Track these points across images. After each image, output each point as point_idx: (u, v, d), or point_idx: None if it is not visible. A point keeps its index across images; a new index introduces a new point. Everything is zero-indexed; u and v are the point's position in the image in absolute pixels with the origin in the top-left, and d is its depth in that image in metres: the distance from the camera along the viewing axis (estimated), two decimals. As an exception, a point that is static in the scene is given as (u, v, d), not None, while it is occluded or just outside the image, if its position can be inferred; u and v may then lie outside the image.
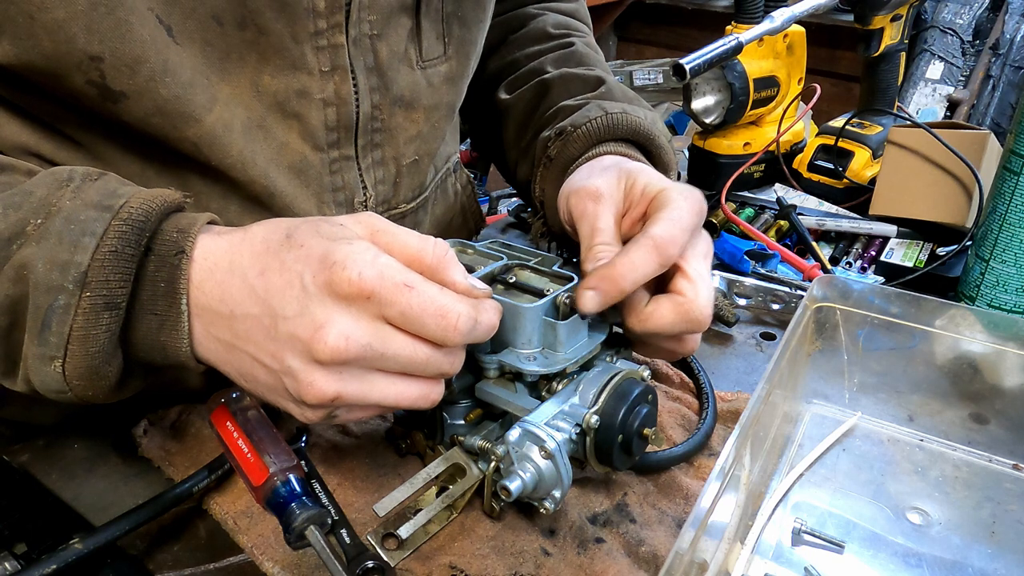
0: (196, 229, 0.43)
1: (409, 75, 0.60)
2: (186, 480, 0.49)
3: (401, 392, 0.43)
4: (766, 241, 0.84)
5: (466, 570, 0.46)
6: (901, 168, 0.88)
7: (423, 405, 0.44)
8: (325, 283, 0.40)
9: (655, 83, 2.39)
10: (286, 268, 0.41)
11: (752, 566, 0.49)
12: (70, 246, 0.40)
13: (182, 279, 0.42)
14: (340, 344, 0.39)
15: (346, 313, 0.40)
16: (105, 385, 0.43)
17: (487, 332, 0.44)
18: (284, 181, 0.56)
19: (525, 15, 0.80)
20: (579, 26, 0.81)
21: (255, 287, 0.41)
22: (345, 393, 0.41)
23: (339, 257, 0.40)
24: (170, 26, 0.47)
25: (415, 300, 0.40)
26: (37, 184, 0.43)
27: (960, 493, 0.55)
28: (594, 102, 0.66)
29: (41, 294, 0.40)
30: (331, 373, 0.40)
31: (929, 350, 0.58)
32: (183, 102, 0.49)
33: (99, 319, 0.41)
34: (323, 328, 0.39)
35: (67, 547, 0.44)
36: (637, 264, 0.47)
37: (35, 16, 0.43)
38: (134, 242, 0.41)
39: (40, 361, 0.41)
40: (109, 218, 0.41)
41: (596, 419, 0.46)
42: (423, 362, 0.42)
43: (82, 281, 0.40)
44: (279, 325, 0.41)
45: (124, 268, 0.41)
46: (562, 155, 0.64)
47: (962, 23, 2.31)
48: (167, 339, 0.43)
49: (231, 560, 0.47)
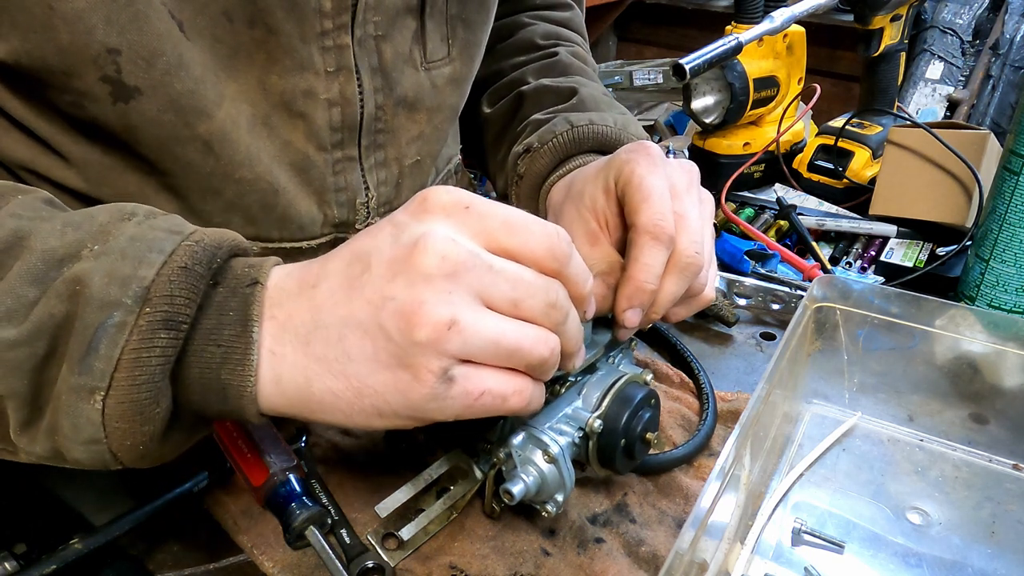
0: (268, 265, 0.40)
1: (413, 76, 0.61)
2: (186, 480, 0.49)
3: (520, 328, 0.37)
4: (766, 241, 0.84)
5: (466, 570, 0.46)
6: (901, 168, 0.88)
7: (543, 352, 0.38)
8: (418, 205, 0.37)
9: (655, 83, 2.38)
10: (371, 228, 0.39)
11: (752, 566, 0.49)
12: (134, 261, 0.36)
13: (255, 306, 0.38)
14: (448, 246, 0.35)
15: (446, 224, 0.37)
16: (148, 432, 0.36)
17: (583, 270, 0.41)
18: (287, 179, 0.56)
19: (516, 24, 0.79)
20: (570, 35, 0.81)
21: (340, 252, 0.39)
22: (462, 318, 0.35)
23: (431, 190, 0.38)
24: (182, 21, 0.47)
25: (514, 211, 0.38)
26: (99, 211, 0.39)
27: (960, 493, 0.55)
28: (561, 116, 0.66)
29: (93, 311, 0.35)
30: (441, 291, 0.35)
31: (929, 350, 0.58)
32: (196, 97, 0.49)
33: (155, 340, 0.35)
34: (424, 237, 0.35)
35: (67, 547, 0.44)
36: (649, 263, 0.47)
37: (54, 6, 0.43)
38: (205, 263, 0.37)
39: (77, 396, 0.35)
40: (179, 239, 0.37)
41: (599, 423, 0.46)
42: (532, 280, 0.37)
43: (143, 296, 0.35)
44: (373, 263, 0.36)
45: (192, 286, 0.36)
46: (531, 171, 0.65)
47: (962, 23, 2.31)
48: (229, 376, 0.37)
49: (231, 560, 0.47)
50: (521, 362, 0.38)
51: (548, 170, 0.64)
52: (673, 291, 0.49)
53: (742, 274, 0.80)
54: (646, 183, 0.49)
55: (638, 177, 0.49)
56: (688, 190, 0.51)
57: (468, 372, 0.37)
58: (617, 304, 0.48)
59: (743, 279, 0.77)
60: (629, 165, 0.51)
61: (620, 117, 0.66)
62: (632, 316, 0.48)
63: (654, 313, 0.50)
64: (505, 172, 0.70)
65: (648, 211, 0.48)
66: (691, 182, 0.52)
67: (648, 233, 0.48)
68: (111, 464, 0.37)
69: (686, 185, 0.51)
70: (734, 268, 0.83)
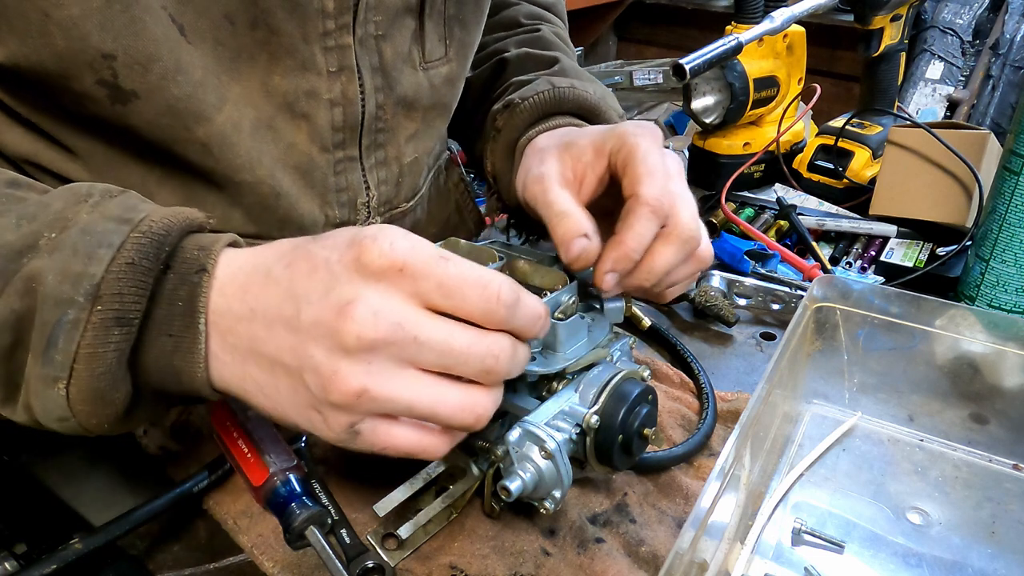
0: (218, 247, 0.41)
1: (412, 76, 0.61)
2: (186, 480, 0.49)
3: (439, 395, 0.38)
4: (766, 241, 0.84)
5: (466, 570, 0.46)
6: (901, 168, 0.88)
7: (465, 418, 0.39)
8: (353, 259, 0.37)
9: (655, 83, 2.39)
10: (312, 255, 0.39)
11: (752, 566, 0.49)
12: (84, 258, 0.37)
13: (201, 297, 0.39)
14: (368, 321, 0.36)
15: (375, 289, 0.37)
16: (111, 413, 0.40)
17: (532, 319, 0.40)
18: (289, 182, 0.56)
19: (500, 4, 0.80)
20: (552, 18, 0.81)
21: (279, 278, 0.39)
22: (373, 388, 0.37)
23: (368, 232, 0.38)
24: (182, 25, 0.47)
25: (452, 269, 0.37)
26: (54, 198, 0.40)
27: (960, 493, 0.55)
28: (544, 77, 0.66)
29: (49, 308, 0.37)
30: (358, 361, 0.37)
31: (929, 350, 0.58)
32: (194, 101, 0.49)
33: (108, 336, 0.38)
34: (349, 306, 0.36)
35: (67, 547, 0.44)
36: (643, 233, 0.48)
37: (50, 13, 0.43)
38: (152, 255, 0.39)
39: (43, 383, 0.38)
40: (128, 230, 0.38)
41: (596, 419, 0.46)
42: (463, 349, 0.38)
43: (94, 294, 0.37)
44: (302, 313, 0.37)
45: (140, 282, 0.38)
46: (508, 127, 0.64)
47: (962, 23, 2.31)
48: (181, 363, 0.40)
49: (231, 560, 0.47)
50: (441, 423, 0.40)
51: (526, 126, 0.63)
52: (671, 260, 0.50)
53: (742, 274, 0.80)
54: (651, 159, 0.50)
55: (643, 152, 0.50)
56: (680, 174, 0.52)
57: (376, 427, 0.39)
58: (601, 264, 0.48)
59: (743, 279, 0.77)
60: (634, 139, 0.51)
61: (600, 89, 0.66)
62: (611, 279, 0.48)
63: (646, 280, 0.50)
64: (484, 132, 0.70)
65: (652, 185, 0.48)
66: (681, 169, 0.53)
67: (648, 205, 0.48)
68: (84, 434, 0.41)
69: (678, 170, 0.52)
70: (734, 268, 0.83)
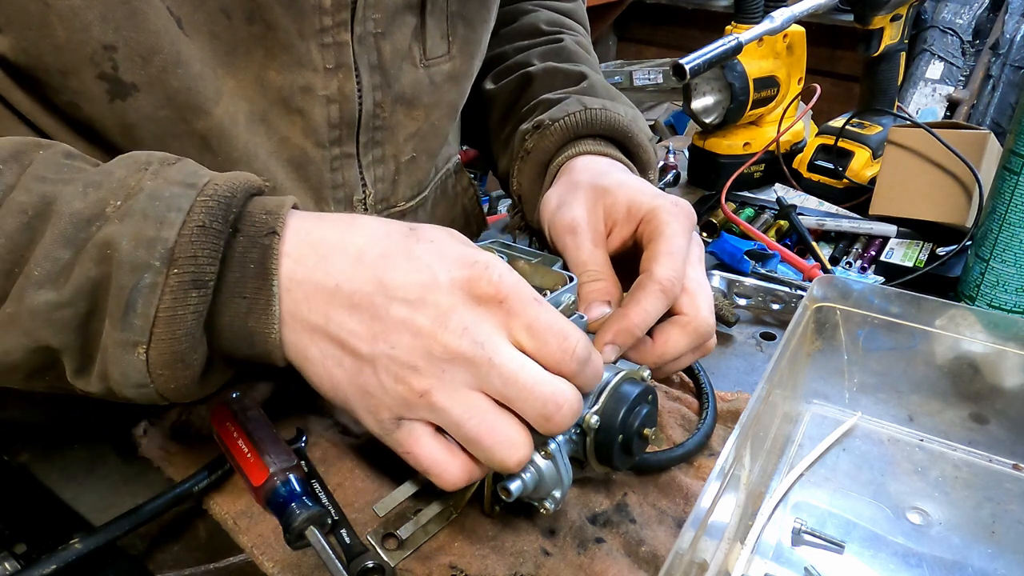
0: (285, 211, 0.42)
1: (412, 73, 0.61)
2: (186, 480, 0.49)
3: (490, 424, 0.39)
4: (766, 241, 0.84)
5: (466, 570, 0.46)
6: (901, 168, 0.88)
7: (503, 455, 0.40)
8: (465, 280, 0.39)
9: (655, 83, 2.39)
10: (415, 257, 0.40)
11: (752, 566, 0.49)
12: (156, 222, 0.38)
13: (273, 259, 0.41)
14: (457, 333, 0.38)
15: (474, 311, 0.39)
16: (189, 376, 0.41)
17: (595, 375, 0.43)
18: (283, 176, 0.56)
19: (518, 10, 0.80)
20: (573, 25, 0.81)
21: (374, 265, 0.40)
22: (436, 393, 0.39)
23: (481, 258, 0.40)
24: (180, 17, 0.47)
25: (543, 315, 0.40)
26: (116, 166, 0.41)
27: (960, 493, 0.55)
28: (575, 97, 0.66)
29: (126, 273, 0.38)
30: (434, 366, 0.39)
31: (929, 350, 0.58)
32: (194, 94, 0.49)
33: (187, 298, 0.39)
34: (446, 316, 0.38)
35: (67, 547, 0.44)
36: (649, 311, 0.49)
37: (50, 3, 0.43)
38: (221, 218, 0.40)
39: (122, 349, 0.39)
40: (194, 195, 0.39)
41: (596, 419, 0.46)
42: (529, 385, 0.39)
43: (169, 258, 0.38)
44: (392, 308, 0.39)
45: (212, 244, 0.39)
46: (538, 149, 0.64)
47: (962, 23, 2.31)
48: (255, 324, 0.41)
49: (231, 560, 0.47)
50: (477, 453, 0.41)
51: (556, 148, 0.64)
52: (683, 349, 0.52)
53: (742, 274, 0.80)
54: (675, 241, 0.51)
55: (670, 232, 0.51)
56: (701, 262, 0.54)
57: (414, 428, 0.41)
58: (603, 334, 0.50)
59: (743, 279, 0.77)
60: (666, 216, 0.52)
61: (629, 110, 0.66)
62: (610, 352, 0.49)
63: (654, 364, 0.52)
64: (510, 149, 0.70)
65: (669, 266, 0.50)
66: (702, 257, 0.55)
67: (660, 284, 0.49)
68: (159, 401, 0.42)
69: (699, 257, 0.54)
70: (734, 268, 0.83)
